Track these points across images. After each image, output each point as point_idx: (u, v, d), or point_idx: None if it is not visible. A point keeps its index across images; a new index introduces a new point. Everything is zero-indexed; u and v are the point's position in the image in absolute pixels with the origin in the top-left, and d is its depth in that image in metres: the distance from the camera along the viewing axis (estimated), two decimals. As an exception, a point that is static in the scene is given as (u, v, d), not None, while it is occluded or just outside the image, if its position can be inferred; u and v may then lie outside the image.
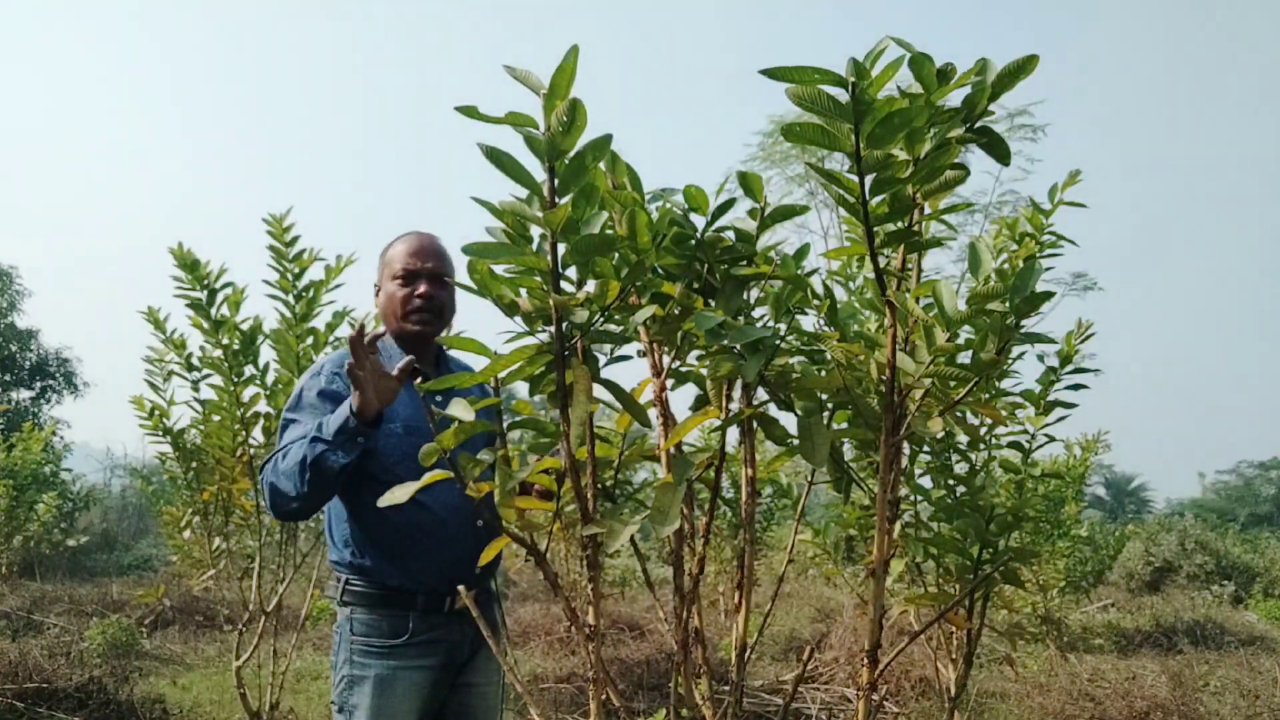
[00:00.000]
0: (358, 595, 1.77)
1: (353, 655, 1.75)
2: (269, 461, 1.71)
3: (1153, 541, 11.24)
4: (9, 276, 17.72)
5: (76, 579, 8.90)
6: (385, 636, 1.75)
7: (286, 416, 1.80)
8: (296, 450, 1.63)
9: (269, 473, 1.68)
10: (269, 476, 1.68)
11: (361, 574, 1.78)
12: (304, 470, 1.60)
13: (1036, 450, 2.36)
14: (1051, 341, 1.25)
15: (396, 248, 1.89)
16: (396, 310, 1.85)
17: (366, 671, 1.73)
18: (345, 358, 1.81)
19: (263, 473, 1.72)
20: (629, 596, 7.68)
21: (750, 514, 1.33)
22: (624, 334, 1.20)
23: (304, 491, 1.61)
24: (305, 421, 1.73)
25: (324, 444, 1.59)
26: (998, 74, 1.06)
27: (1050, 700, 4.27)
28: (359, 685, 1.73)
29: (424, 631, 1.76)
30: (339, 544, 1.81)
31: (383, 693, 1.72)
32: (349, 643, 1.76)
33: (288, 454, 1.65)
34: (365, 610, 1.76)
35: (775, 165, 15.57)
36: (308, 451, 1.60)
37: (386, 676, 1.73)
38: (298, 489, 1.61)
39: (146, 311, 3.29)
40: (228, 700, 4.33)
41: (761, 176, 1.23)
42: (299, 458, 1.61)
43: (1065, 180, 2.01)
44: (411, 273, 1.84)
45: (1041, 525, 4.46)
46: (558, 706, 4.28)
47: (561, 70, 0.99)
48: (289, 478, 1.62)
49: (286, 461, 1.64)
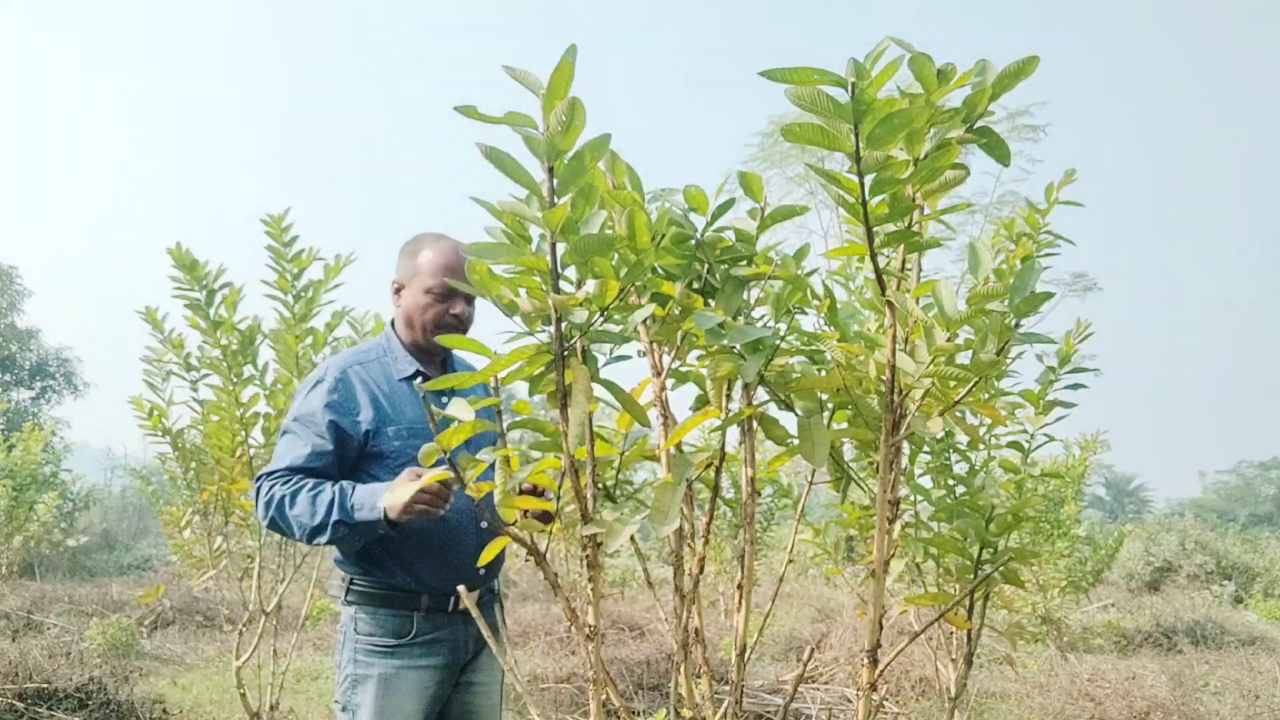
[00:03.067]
0: (362, 595, 1.78)
1: (357, 654, 1.76)
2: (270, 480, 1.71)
3: (1153, 541, 11.24)
4: (9, 276, 17.72)
5: (76, 579, 8.90)
6: (389, 635, 1.75)
7: (287, 425, 1.79)
8: (310, 510, 1.64)
9: (273, 504, 1.68)
10: (272, 509, 1.68)
11: (366, 574, 1.78)
12: (319, 535, 1.64)
13: (1036, 450, 2.36)
14: (1051, 342, 1.25)
15: (431, 258, 1.83)
16: (426, 323, 1.83)
17: (370, 670, 1.74)
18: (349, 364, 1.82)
19: (259, 485, 1.72)
20: (629, 596, 7.68)
21: (750, 514, 1.33)
22: (623, 334, 1.20)
23: (303, 540, 1.68)
24: (302, 439, 1.74)
25: (346, 528, 1.62)
26: (998, 75, 1.06)
27: (1050, 700, 4.27)
28: (363, 684, 1.74)
29: (428, 631, 1.77)
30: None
31: (386, 691, 1.72)
32: (353, 642, 1.77)
33: (296, 497, 1.66)
34: (370, 610, 1.77)
35: (775, 165, 15.56)
36: (326, 520, 1.62)
37: (390, 675, 1.73)
38: (299, 537, 1.67)
39: (145, 311, 3.28)
40: (228, 700, 4.32)
41: (761, 177, 1.23)
42: (315, 522, 1.63)
43: (1062, 180, 2.01)
44: (448, 291, 1.82)
45: (1041, 525, 4.47)
46: (558, 706, 4.28)
47: (560, 70, 0.99)
48: (299, 527, 1.66)
49: (297, 511, 1.65)
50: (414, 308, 1.84)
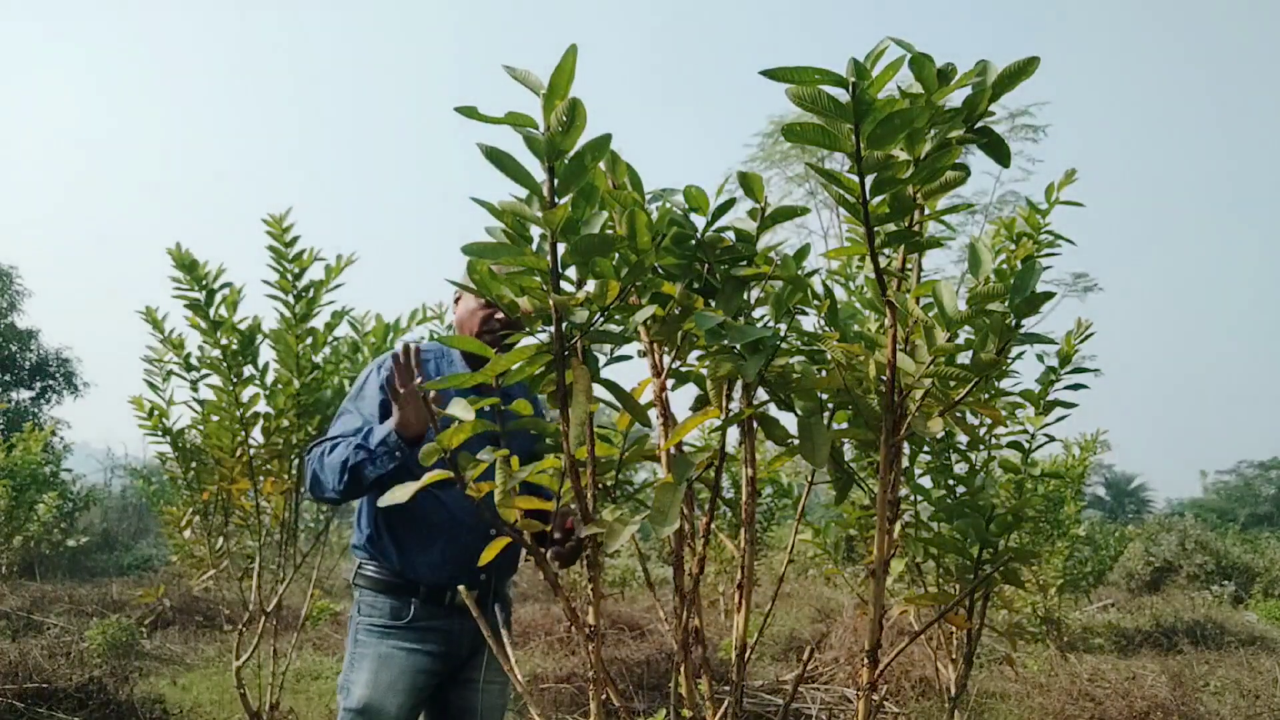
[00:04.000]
0: (367, 579, 1.89)
1: (358, 633, 1.87)
2: (318, 445, 1.81)
3: (1153, 541, 11.24)
4: (9, 276, 17.71)
5: (76, 579, 8.90)
6: (387, 617, 1.85)
7: (344, 406, 1.90)
8: (342, 450, 1.72)
9: (314, 459, 1.78)
10: (313, 463, 1.78)
11: (373, 559, 1.89)
12: (343, 472, 1.70)
13: (1036, 450, 2.36)
14: (1051, 342, 1.25)
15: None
16: (475, 326, 1.93)
17: (368, 649, 1.84)
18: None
19: (310, 455, 1.81)
20: (629, 596, 7.69)
21: (750, 514, 1.33)
22: (624, 334, 1.20)
23: (339, 489, 1.72)
24: (356, 415, 1.84)
25: (365, 452, 1.68)
26: (998, 75, 1.06)
27: (1050, 700, 4.27)
28: (360, 662, 1.84)
29: (423, 618, 1.85)
30: (361, 529, 1.91)
31: (379, 668, 1.82)
32: (356, 622, 1.89)
33: (335, 448, 1.75)
34: (372, 593, 1.88)
35: (775, 165, 15.59)
36: (350, 456, 1.69)
37: (385, 654, 1.83)
38: (334, 486, 1.72)
39: (145, 312, 3.28)
40: (228, 700, 4.33)
41: (762, 177, 1.23)
42: (342, 458, 1.71)
43: (1061, 179, 2.01)
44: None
45: (1041, 525, 4.46)
46: (558, 706, 4.28)
47: (561, 70, 0.99)
48: (331, 472, 1.73)
49: (332, 457, 1.73)
50: (464, 313, 1.95)
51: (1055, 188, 2.01)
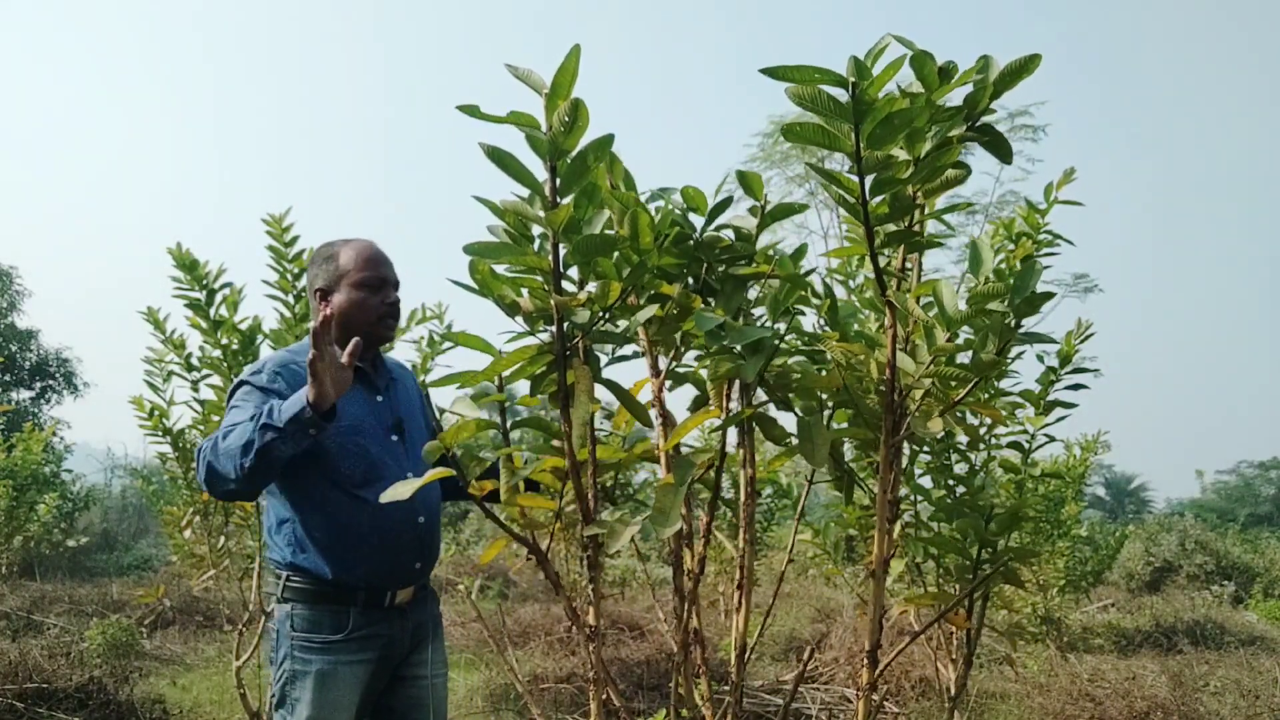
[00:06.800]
0: (298, 592, 1.79)
1: (293, 651, 1.78)
2: (209, 440, 1.67)
3: (1153, 541, 11.23)
4: (9, 276, 17.70)
5: (76, 579, 8.89)
6: (325, 632, 1.77)
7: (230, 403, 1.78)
8: (241, 432, 1.60)
9: (207, 450, 1.65)
10: (207, 455, 1.64)
11: (302, 571, 1.79)
12: (247, 454, 1.58)
13: (1036, 450, 2.36)
14: (1051, 341, 1.25)
15: (351, 256, 1.86)
16: (369, 317, 1.84)
17: (308, 667, 1.76)
18: (286, 361, 1.84)
19: (200, 450, 1.68)
20: (629, 596, 7.68)
21: (750, 514, 1.33)
22: (625, 334, 1.20)
23: (243, 475, 1.59)
24: (244, 408, 1.71)
25: (274, 431, 1.57)
26: (1000, 72, 1.06)
27: (1050, 700, 4.27)
28: (300, 680, 1.76)
29: (363, 626, 1.79)
30: (280, 542, 1.82)
31: (324, 687, 1.76)
32: (289, 639, 1.78)
33: (230, 434, 1.62)
34: (305, 607, 1.78)
35: (775, 166, 15.58)
36: (255, 437, 1.57)
37: (328, 671, 1.76)
38: (238, 472, 1.59)
39: (146, 312, 3.29)
40: (228, 700, 4.32)
41: (761, 176, 1.23)
42: (243, 441, 1.58)
43: (1060, 179, 2.01)
44: (381, 280, 1.86)
45: (1041, 525, 4.46)
46: (558, 706, 4.28)
47: (563, 70, 0.99)
48: (230, 459, 1.60)
49: (229, 442, 1.61)
50: (349, 305, 1.84)
51: (1054, 187, 2.01)
